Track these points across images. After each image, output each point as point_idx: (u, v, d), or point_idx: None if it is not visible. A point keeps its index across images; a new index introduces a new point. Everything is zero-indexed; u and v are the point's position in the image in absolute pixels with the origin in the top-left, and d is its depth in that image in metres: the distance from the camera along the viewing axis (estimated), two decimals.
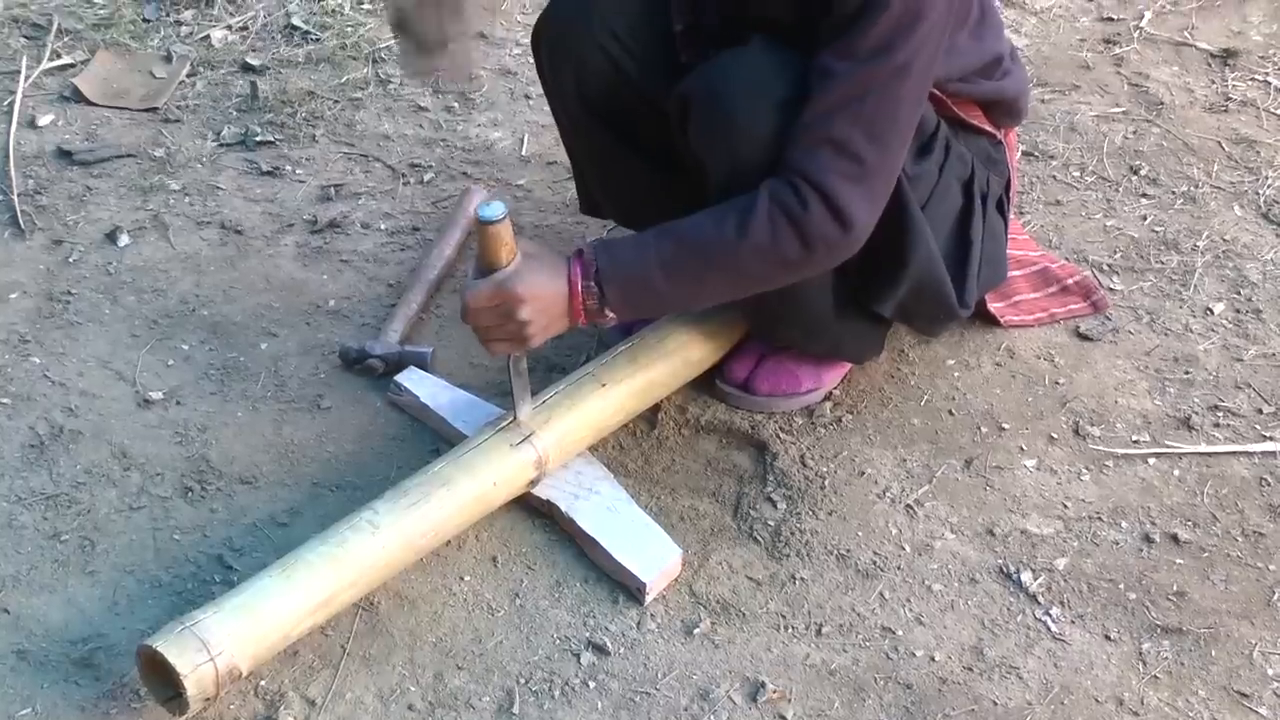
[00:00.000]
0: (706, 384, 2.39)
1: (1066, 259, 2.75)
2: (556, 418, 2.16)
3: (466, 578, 2.08)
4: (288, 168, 2.98)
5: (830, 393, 2.42)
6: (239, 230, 2.79)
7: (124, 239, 2.74)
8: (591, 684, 1.95)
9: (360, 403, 2.38)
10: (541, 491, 2.15)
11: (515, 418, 2.13)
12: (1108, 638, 2.04)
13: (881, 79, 1.94)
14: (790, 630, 2.03)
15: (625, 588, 2.07)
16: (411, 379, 2.35)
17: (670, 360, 2.28)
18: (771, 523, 2.19)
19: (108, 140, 3.04)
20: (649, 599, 2.05)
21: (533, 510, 2.18)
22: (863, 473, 2.29)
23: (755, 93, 2.01)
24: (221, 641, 1.79)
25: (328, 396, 2.39)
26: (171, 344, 2.46)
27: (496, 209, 1.95)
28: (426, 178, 2.97)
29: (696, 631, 2.02)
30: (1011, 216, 2.46)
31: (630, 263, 2.02)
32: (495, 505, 2.12)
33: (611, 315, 2.05)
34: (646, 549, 2.09)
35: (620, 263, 2.02)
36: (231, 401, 2.37)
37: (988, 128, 2.30)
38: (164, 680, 1.80)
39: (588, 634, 2.01)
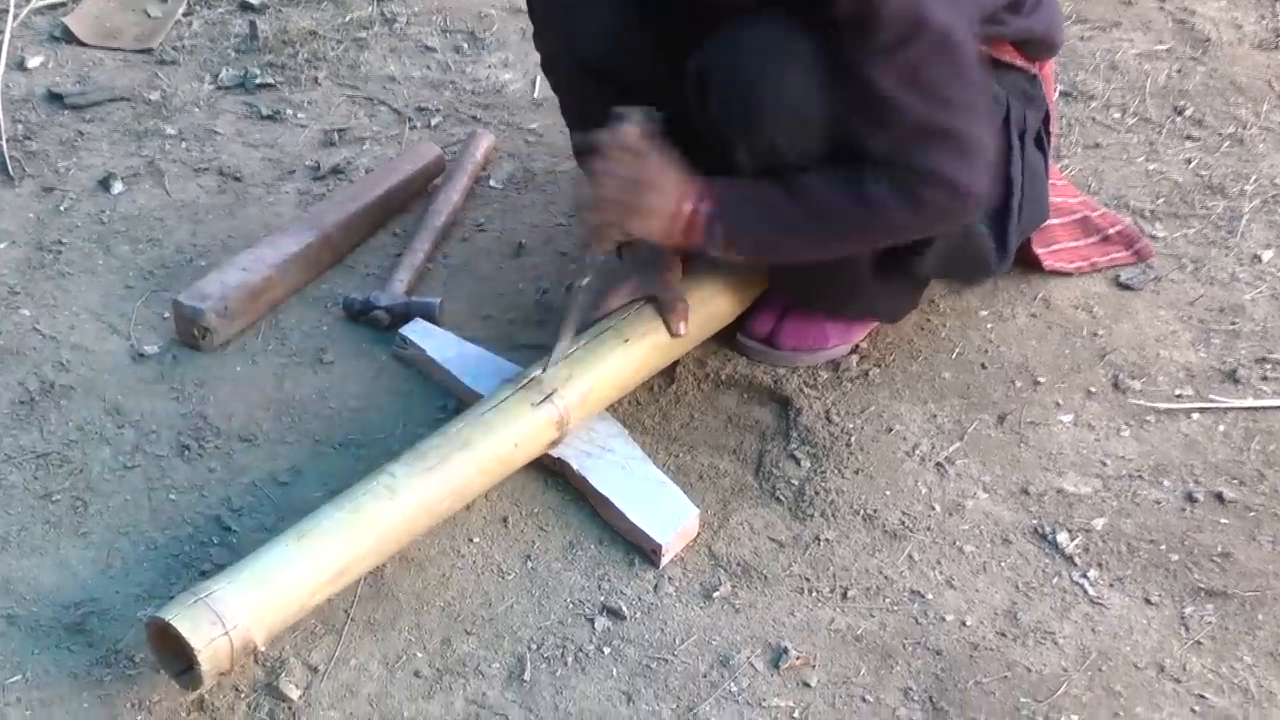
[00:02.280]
0: (727, 337, 2.37)
1: (1106, 205, 2.72)
2: (578, 375, 2.13)
3: (476, 539, 2.07)
4: (289, 111, 2.96)
5: (857, 345, 2.40)
6: (238, 177, 2.77)
7: (117, 186, 2.72)
8: (606, 650, 1.94)
9: (365, 356, 2.37)
10: (553, 449, 2.14)
11: (551, 359, 2.11)
12: (1148, 601, 2.02)
13: (926, 55, 1.94)
14: (814, 594, 2.02)
15: (641, 549, 2.06)
16: (417, 331, 2.33)
17: (695, 314, 2.26)
18: (795, 482, 2.17)
19: (100, 83, 3.02)
20: (665, 561, 2.04)
21: (545, 469, 2.16)
22: (891, 429, 2.27)
23: (775, 63, 2.00)
24: (236, 614, 1.78)
25: (330, 350, 2.38)
26: (167, 296, 2.43)
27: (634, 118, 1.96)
28: (434, 122, 2.95)
29: (716, 595, 2.01)
30: (1051, 159, 2.43)
31: (750, 212, 2.05)
32: (515, 468, 2.10)
33: (709, 247, 2.07)
34: (662, 509, 2.07)
35: (739, 207, 2.05)
36: (230, 355, 2.36)
37: (1020, 63, 2.27)
38: (175, 653, 1.79)
39: (602, 598, 2.00)
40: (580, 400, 2.13)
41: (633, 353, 2.20)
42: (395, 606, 1.97)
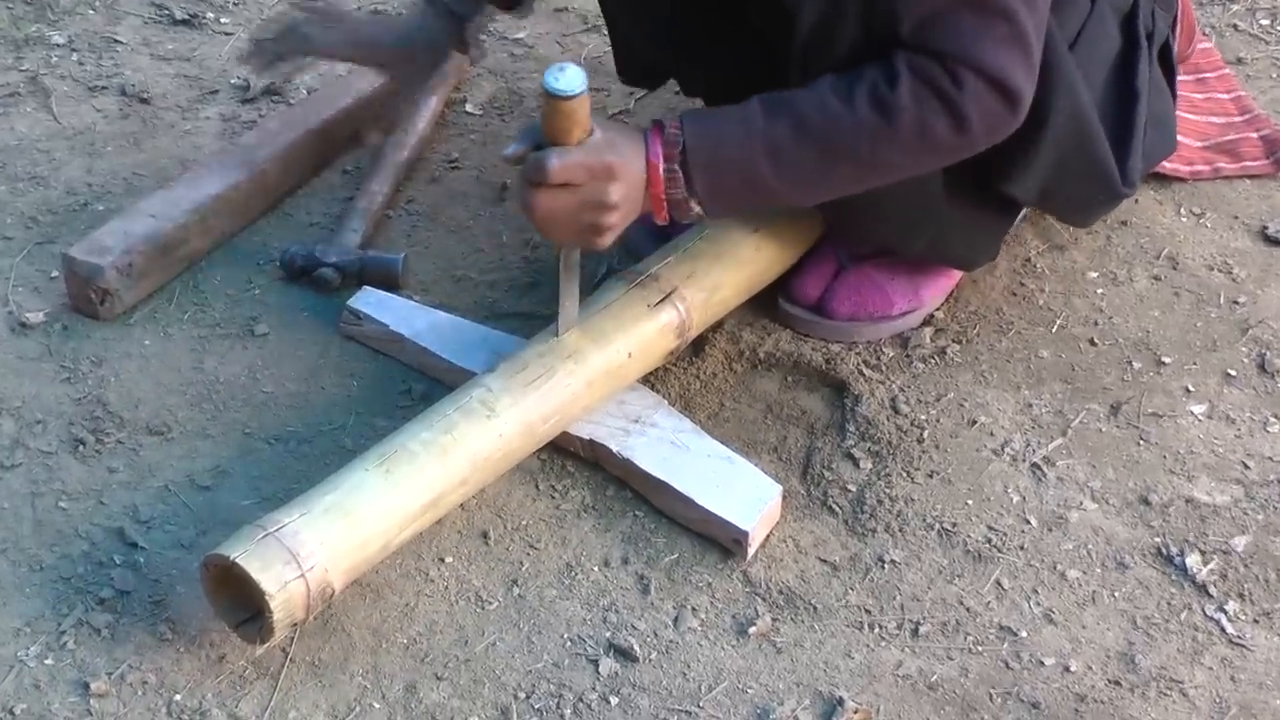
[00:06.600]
0: (767, 304, 2.38)
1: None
2: (700, 271, 2.23)
3: (448, 559, 2.08)
4: (209, 15, 2.97)
5: (931, 315, 2.40)
6: (144, 98, 2.78)
7: None
8: (613, 699, 1.94)
9: (307, 327, 2.38)
10: (580, 430, 2.17)
11: (558, 332, 2.14)
12: None
13: None
14: (877, 630, 2.03)
15: (717, 544, 2.07)
16: (371, 303, 2.34)
17: (730, 270, 2.30)
18: (852, 488, 2.18)
19: None
20: (751, 553, 2.07)
21: (535, 473, 2.17)
22: (974, 421, 2.28)
23: None
24: (314, 552, 1.86)
25: (264, 319, 2.39)
26: (56, 249, 2.45)
27: (574, 79, 1.92)
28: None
29: (752, 631, 2.02)
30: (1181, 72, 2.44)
31: (729, 146, 2.02)
32: (628, 382, 2.19)
33: (698, 209, 2.05)
34: (737, 489, 2.10)
35: (716, 145, 2.02)
36: (136, 325, 2.37)
37: None
38: (236, 599, 1.88)
39: (608, 634, 2.01)
40: (704, 302, 2.23)
41: (763, 249, 2.30)
42: (346, 644, 1.98)
